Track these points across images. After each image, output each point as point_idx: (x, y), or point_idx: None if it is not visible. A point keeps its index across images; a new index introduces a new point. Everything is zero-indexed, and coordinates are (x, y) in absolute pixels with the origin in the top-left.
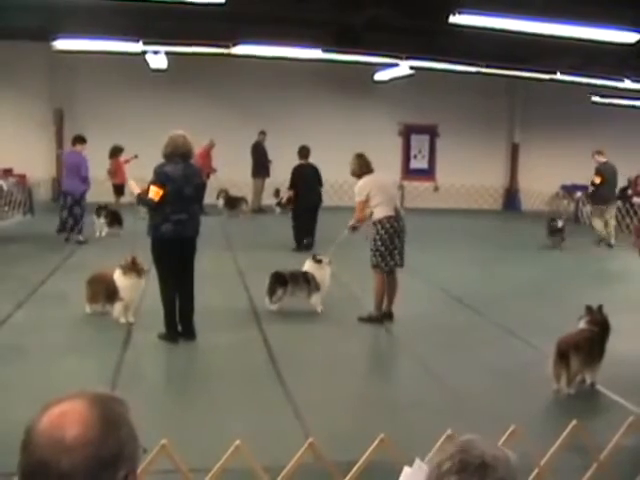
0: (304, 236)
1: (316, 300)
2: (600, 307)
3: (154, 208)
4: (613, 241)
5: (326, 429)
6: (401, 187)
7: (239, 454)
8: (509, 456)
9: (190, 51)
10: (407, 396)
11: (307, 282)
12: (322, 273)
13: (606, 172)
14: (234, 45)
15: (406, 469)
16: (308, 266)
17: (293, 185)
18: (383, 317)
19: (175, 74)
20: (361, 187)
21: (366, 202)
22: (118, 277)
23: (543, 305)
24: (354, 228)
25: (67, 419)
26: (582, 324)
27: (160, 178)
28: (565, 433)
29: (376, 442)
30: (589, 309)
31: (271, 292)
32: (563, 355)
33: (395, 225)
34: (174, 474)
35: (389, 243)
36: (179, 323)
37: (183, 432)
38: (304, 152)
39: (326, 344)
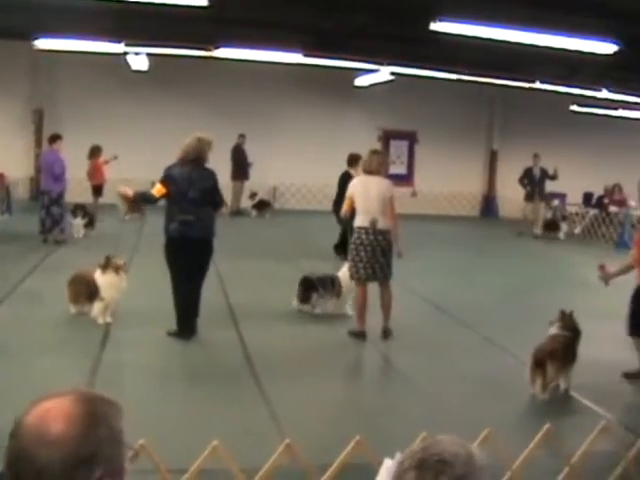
0: None
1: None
2: (571, 313)
3: (153, 202)
4: (538, 231)
5: (302, 431)
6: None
7: (216, 454)
8: (473, 455)
9: (171, 53)
10: (383, 401)
11: (333, 286)
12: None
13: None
14: (215, 48)
15: (387, 461)
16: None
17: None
18: (384, 334)
19: (156, 76)
20: (350, 185)
21: (352, 201)
22: (99, 276)
23: (519, 312)
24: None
25: (52, 414)
26: (554, 329)
27: (166, 177)
28: (537, 437)
29: (352, 444)
30: (562, 314)
31: (305, 298)
32: (539, 363)
33: (363, 238)
34: (152, 475)
35: (355, 254)
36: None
37: (160, 432)
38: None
39: (304, 346)
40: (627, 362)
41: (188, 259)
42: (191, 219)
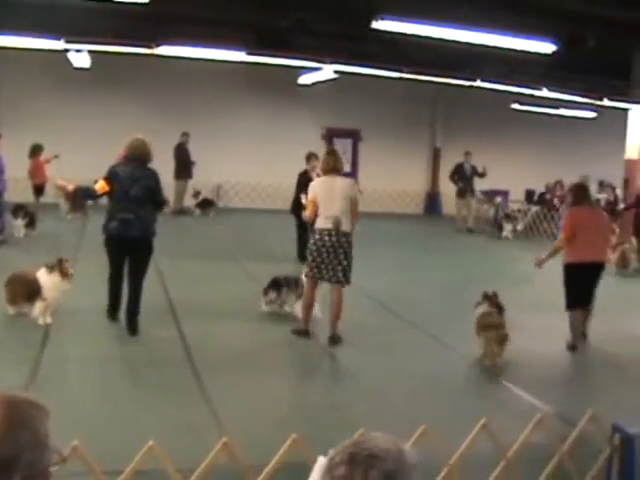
0: None
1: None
2: (495, 293)
3: (94, 198)
4: (470, 224)
5: (243, 429)
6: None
7: (152, 454)
8: (404, 451)
9: (114, 50)
10: (327, 398)
11: (297, 286)
12: None
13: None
14: (158, 45)
15: (320, 459)
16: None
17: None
18: (331, 340)
19: (99, 73)
20: (311, 186)
21: (314, 203)
22: (43, 276)
23: (461, 308)
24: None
25: None
26: (483, 308)
27: (109, 175)
28: (474, 432)
29: (288, 442)
30: (486, 295)
31: (274, 299)
32: (485, 329)
33: (326, 240)
34: (87, 477)
35: (316, 255)
36: (125, 319)
37: (98, 432)
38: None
39: (247, 344)
40: (562, 353)
41: (125, 258)
42: (131, 217)
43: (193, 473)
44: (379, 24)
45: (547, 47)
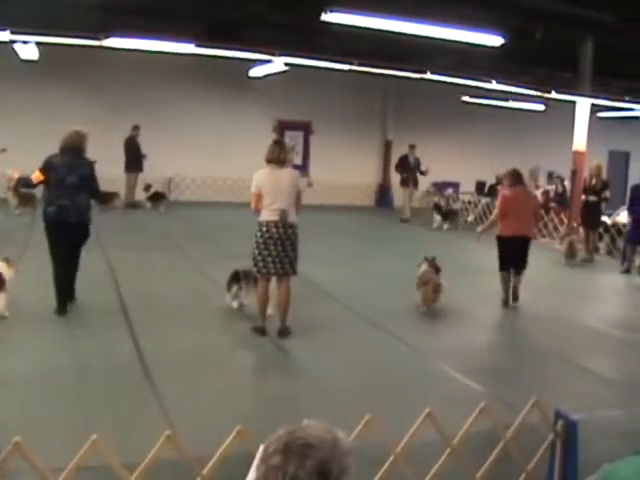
0: None
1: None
2: (433, 257)
3: (32, 186)
4: (406, 215)
5: (193, 423)
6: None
7: (97, 450)
8: (339, 439)
9: (61, 42)
10: (276, 390)
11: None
12: None
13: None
14: (106, 37)
15: (261, 448)
16: None
17: None
18: (280, 333)
19: (46, 65)
20: (254, 179)
21: (259, 195)
22: (4, 268)
23: (409, 300)
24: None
25: None
26: (423, 268)
27: (45, 166)
28: (419, 421)
29: (233, 434)
30: (426, 258)
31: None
32: (424, 283)
33: (273, 232)
34: (30, 474)
35: (263, 248)
36: (56, 296)
37: (44, 429)
38: None
39: (199, 340)
40: (504, 343)
41: (65, 241)
42: (68, 204)
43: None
44: (328, 16)
45: (495, 40)
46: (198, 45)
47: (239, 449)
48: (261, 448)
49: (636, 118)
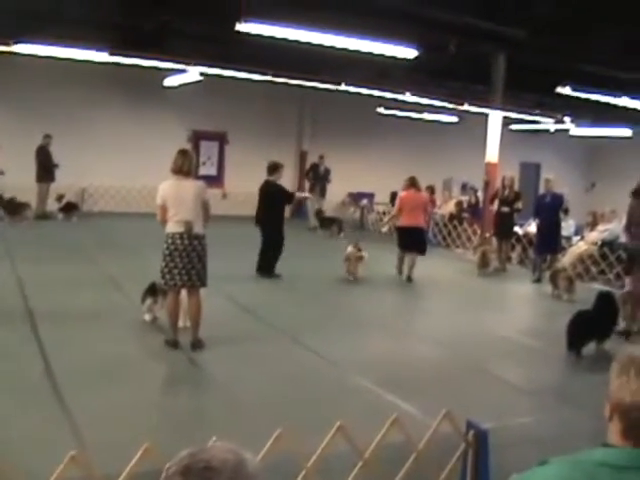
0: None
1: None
2: (358, 241)
3: None
4: (313, 224)
5: (103, 440)
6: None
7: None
8: (244, 461)
9: None
10: (187, 404)
11: None
12: None
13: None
14: (15, 43)
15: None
16: None
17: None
18: (193, 346)
19: None
20: (159, 190)
21: (165, 207)
22: None
23: (322, 311)
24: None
25: None
26: (350, 248)
27: None
28: (331, 434)
29: (140, 452)
30: (352, 242)
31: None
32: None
33: (178, 243)
34: None
35: (169, 260)
36: None
37: None
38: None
39: (111, 354)
40: (420, 354)
41: None
42: None
43: None
44: (243, 27)
45: (410, 52)
46: (112, 53)
47: (147, 466)
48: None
49: (546, 131)
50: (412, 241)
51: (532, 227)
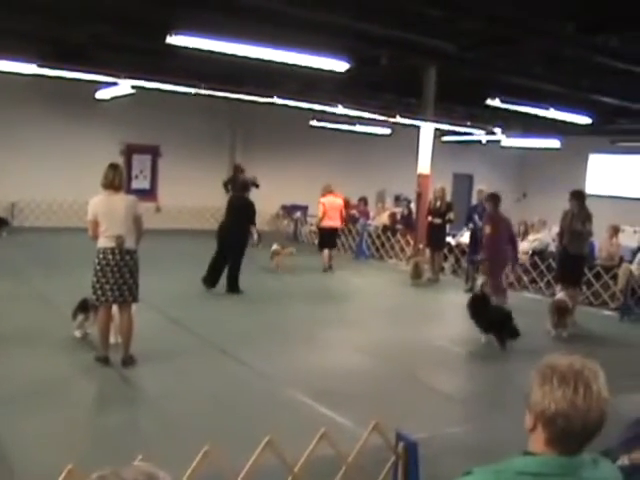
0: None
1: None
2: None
3: None
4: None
5: (30, 461)
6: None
7: None
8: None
9: None
10: (117, 421)
11: None
12: None
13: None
14: None
15: None
16: None
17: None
18: (124, 362)
19: None
20: (89, 205)
21: (96, 222)
22: None
23: (255, 324)
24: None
25: None
26: (275, 246)
27: None
28: (259, 449)
29: (64, 474)
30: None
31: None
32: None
33: (110, 258)
34: None
35: (101, 276)
36: None
37: None
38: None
39: (39, 373)
40: (352, 365)
41: None
42: None
43: None
44: (173, 39)
45: (341, 65)
46: (40, 65)
47: None
48: None
49: (478, 142)
50: (330, 240)
51: (465, 237)
